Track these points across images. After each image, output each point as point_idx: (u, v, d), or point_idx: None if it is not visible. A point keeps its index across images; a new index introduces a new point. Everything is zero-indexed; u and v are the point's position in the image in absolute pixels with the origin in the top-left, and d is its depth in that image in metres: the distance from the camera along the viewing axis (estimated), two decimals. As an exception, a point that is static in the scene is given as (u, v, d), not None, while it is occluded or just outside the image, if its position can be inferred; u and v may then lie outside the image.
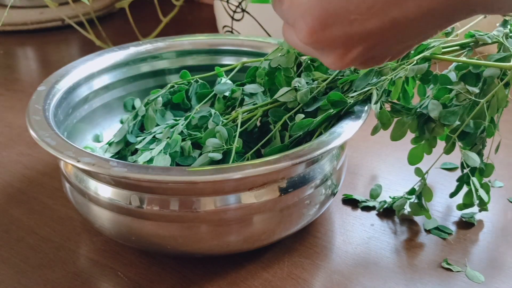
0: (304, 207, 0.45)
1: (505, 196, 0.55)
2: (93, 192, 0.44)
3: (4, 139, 0.66)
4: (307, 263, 0.47)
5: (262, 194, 0.42)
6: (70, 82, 0.53)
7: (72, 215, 0.53)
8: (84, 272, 0.47)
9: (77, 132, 0.54)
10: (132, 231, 0.44)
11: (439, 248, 0.48)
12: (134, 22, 0.88)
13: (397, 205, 0.52)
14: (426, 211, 0.50)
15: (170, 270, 0.46)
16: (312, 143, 0.41)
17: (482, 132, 0.48)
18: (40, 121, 0.45)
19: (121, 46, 0.60)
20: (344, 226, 0.51)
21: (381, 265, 0.47)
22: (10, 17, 1.01)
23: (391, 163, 0.60)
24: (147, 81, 0.60)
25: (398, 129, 0.48)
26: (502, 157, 0.57)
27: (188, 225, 0.42)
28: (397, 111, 0.48)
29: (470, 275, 0.45)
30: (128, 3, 0.86)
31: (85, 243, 0.50)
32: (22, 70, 0.90)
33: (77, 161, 0.40)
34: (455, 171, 0.58)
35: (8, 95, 0.79)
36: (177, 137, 0.46)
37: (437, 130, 0.48)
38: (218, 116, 0.48)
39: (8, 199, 0.56)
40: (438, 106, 0.47)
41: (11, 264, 0.47)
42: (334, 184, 0.48)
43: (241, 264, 0.47)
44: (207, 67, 0.60)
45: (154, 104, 0.54)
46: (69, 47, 0.99)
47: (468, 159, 0.48)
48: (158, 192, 0.41)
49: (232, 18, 0.80)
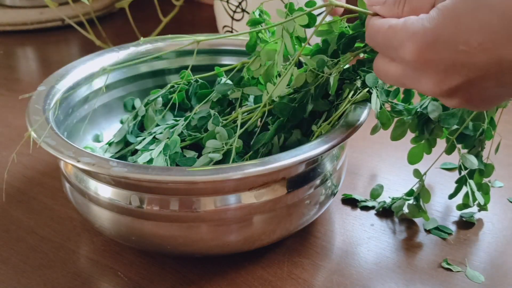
0: (304, 207, 0.45)
1: (505, 196, 0.55)
2: (93, 192, 0.44)
3: (4, 139, 0.66)
4: (307, 263, 0.47)
5: (262, 194, 0.42)
6: (70, 82, 0.53)
7: (72, 215, 0.53)
8: (84, 272, 0.47)
9: (77, 132, 0.54)
10: (132, 231, 0.44)
11: (439, 248, 0.48)
12: (134, 22, 0.88)
13: (395, 207, 0.52)
14: (424, 213, 0.50)
15: (170, 270, 0.46)
16: (312, 143, 0.41)
17: (481, 135, 0.48)
18: (40, 121, 0.45)
19: (121, 46, 0.60)
20: (344, 226, 0.51)
21: (381, 265, 0.47)
22: (10, 17, 1.01)
23: (391, 163, 0.60)
24: (147, 81, 0.60)
25: (398, 129, 0.48)
26: (502, 157, 0.57)
27: (188, 225, 0.42)
28: (397, 111, 0.48)
29: (470, 275, 0.45)
30: (128, 3, 0.86)
31: (85, 243, 0.50)
32: (22, 70, 0.90)
33: (77, 161, 0.40)
34: (455, 171, 0.58)
35: (8, 95, 0.79)
36: (176, 138, 0.46)
37: (436, 131, 0.48)
38: (218, 118, 0.48)
39: (8, 199, 0.56)
40: (438, 108, 0.47)
41: (11, 264, 0.47)
42: (334, 184, 0.48)
43: (241, 264, 0.47)
44: (207, 67, 0.60)
45: (154, 104, 0.54)
46: (69, 47, 0.99)
47: (466, 161, 0.48)
48: (158, 192, 0.41)
49: (232, 18, 0.80)
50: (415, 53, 0.35)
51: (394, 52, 0.36)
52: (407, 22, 0.35)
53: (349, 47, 0.45)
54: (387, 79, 0.39)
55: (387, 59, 0.38)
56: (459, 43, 0.33)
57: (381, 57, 0.39)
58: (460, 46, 0.33)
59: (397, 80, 0.38)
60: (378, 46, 0.38)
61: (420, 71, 0.36)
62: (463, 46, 0.33)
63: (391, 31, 0.36)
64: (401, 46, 0.35)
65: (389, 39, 0.36)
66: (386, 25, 0.37)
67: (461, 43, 0.33)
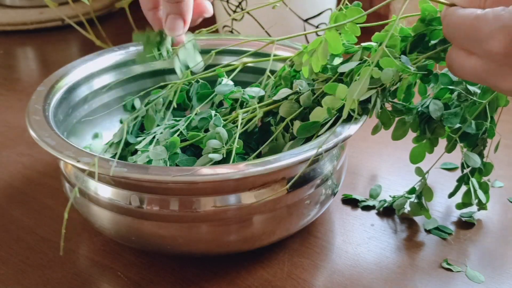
0: (304, 207, 0.45)
1: (505, 196, 0.55)
2: (93, 192, 0.44)
3: (4, 139, 0.66)
4: (307, 263, 0.47)
5: (262, 194, 0.42)
6: (70, 82, 0.53)
7: (72, 215, 0.53)
8: (84, 272, 0.47)
9: (77, 132, 0.54)
10: (132, 231, 0.43)
11: (439, 248, 0.48)
12: (134, 22, 0.87)
13: (397, 204, 0.52)
14: (426, 211, 0.50)
15: (170, 270, 0.46)
16: (312, 143, 0.41)
17: (484, 133, 0.48)
18: (40, 121, 0.45)
19: (121, 46, 0.60)
20: (344, 226, 0.51)
21: (381, 265, 0.47)
22: (10, 17, 1.01)
23: (391, 163, 0.60)
24: (146, 81, 0.60)
25: (400, 128, 0.48)
26: (502, 157, 0.57)
27: (188, 225, 0.42)
28: (398, 110, 0.48)
29: (470, 275, 0.45)
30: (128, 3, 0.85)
31: (85, 243, 0.50)
32: (22, 70, 0.90)
33: (77, 161, 0.40)
34: (455, 171, 0.58)
35: (8, 95, 0.78)
36: (175, 138, 0.46)
37: (438, 130, 0.48)
38: (219, 119, 0.48)
39: (8, 199, 0.56)
40: (440, 107, 0.47)
41: (11, 264, 0.47)
42: (334, 184, 0.48)
43: (241, 264, 0.47)
44: (207, 67, 0.60)
45: (154, 105, 0.54)
46: (69, 47, 0.99)
47: (469, 159, 0.48)
48: (158, 192, 0.41)
49: (232, 18, 0.80)
50: (506, 45, 0.32)
51: (477, 45, 0.34)
52: (496, 13, 0.33)
53: (416, 47, 0.44)
54: (463, 74, 0.37)
55: (464, 52, 0.36)
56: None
57: (457, 50, 0.37)
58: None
59: (476, 75, 0.36)
60: (458, 38, 0.36)
61: (507, 66, 0.33)
62: None
63: (478, 21, 0.34)
64: (489, 38, 0.33)
65: (475, 30, 0.34)
66: (472, 16, 0.34)
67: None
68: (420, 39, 0.44)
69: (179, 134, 0.48)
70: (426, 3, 0.42)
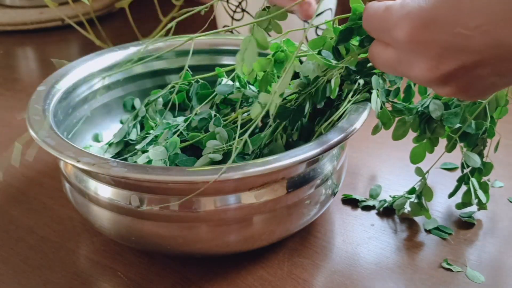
0: (304, 207, 0.45)
1: (505, 196, 0.55)
2: (93, 192, 0.44)
3: (4, 139, 0.66)
4: (307, 263, 0.47)
5: (262, 194, 0.42)
6: (70, 82, 0.53)
7: (72, 215, 0.53)
8: (84, 272, 0.47)
9: (77, 132, 0.54)
10: (132, 231, 0.43)
11: (439, 248, 0.48)
12: (134, 22, 0.88)
13: (397, 204, 0.52)
14: (426, 211, 0.50)
15: (170, 270, 0.46)
16: (312, 143, 0.41)
17: (484, 133, 0.48)
18: (40, 121, 0.45)
19: (121, 46, 0.60)
20: (344, 226, 0.51)
21: (381, 265, 0.47)
22: (10, 17, 1.01)
23: (391, 163, 0.60)
24: (146, 81, 0.60)
25: (400, 128, 0.48)
26: (502, 157, 0.57)
27: (188, 225, 0.42)
28: (398, 110, 0.48)
29: (470, 275, 0.45)
30: (128, 3, 0.86)
31: (85, 243, 0.50)
32: (22, 70, 0.90)
33: (77, 161, 0.40)
34: (455, 171, 0.58)
35: (8, 95, 0.78)
36: (175, 139, 0.46)
37: (438, 130, 0.48)
38: (219, 119, 0.48)
39: (8, 199, 0.56)
40: (440, 107, 0.47)
41: (11, 264, 0.47)
42: (334, 184, 0.48)
43: (241, 264, 0.47)
44: (207, 67, 0.60)
45: (154, 105, 0.54)
46: (69, 47, 0.99)
47: (469, 159, 0.48)
48: (158, 192, 0.41)
49: (232, 18, 0.80)
50: (409, 32, 0.33)
51: (387, 35, 0.35)
52: (403, 2, 0.34)
53: (345, 40, 0.44)
54: (382, 66, 0.38)
55: (382, 44, 0.37)
56: (456, 25, 0.31)
57: (377, 43, 0.38)
58: (457, 28, 0.31)
59: (391, 66, 0.37)
60: (374, 30, 0.37)
61: (413, 53, 0.34)
62: (461, 28, 0.31)
63: (387, 12, 0.35)
64: (395, 26, 0.34)
65: (385, 20, 0.35)
66: (383, 7, 0.35)
67: (458, 25, 0.31)
68: (347, 33, 0.44)
69: (179, 135, 0.48)
70: (357, 3, 0.42)
